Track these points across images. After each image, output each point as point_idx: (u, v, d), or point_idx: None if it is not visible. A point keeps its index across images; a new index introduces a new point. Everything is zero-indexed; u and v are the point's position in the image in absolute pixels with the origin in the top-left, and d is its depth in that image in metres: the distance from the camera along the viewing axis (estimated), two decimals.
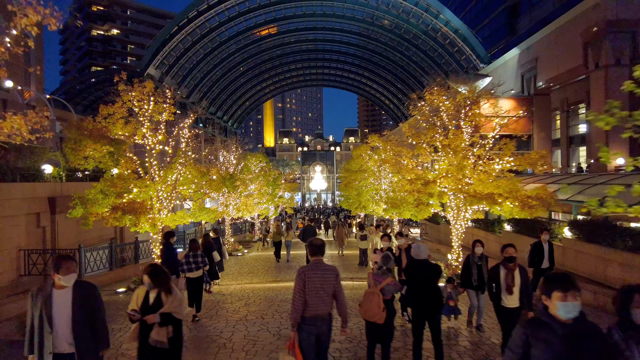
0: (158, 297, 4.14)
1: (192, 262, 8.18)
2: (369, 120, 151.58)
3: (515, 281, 5.18)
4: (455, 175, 9.64)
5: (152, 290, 4.15)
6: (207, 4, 38.54)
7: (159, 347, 4.04)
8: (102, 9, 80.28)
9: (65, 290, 3.54)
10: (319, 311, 4.25)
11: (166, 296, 4.13)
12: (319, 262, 4.46)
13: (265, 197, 24.54)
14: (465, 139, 10.19)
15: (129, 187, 10.11)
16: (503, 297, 5.27)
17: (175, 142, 11.81)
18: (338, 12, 44.52)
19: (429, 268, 5.11)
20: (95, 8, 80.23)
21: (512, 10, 44.50)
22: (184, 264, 8.17)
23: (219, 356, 5.98)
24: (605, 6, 21.63)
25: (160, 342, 4.02)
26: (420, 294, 4.97)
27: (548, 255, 8.99)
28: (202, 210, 12.82)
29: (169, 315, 4.10)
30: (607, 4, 21.58)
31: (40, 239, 12.23)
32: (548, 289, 2.51)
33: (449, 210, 11.00)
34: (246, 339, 6.74)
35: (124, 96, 10.72)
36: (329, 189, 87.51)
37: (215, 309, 8.90)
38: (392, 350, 5.88)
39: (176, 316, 4.18)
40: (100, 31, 79.75)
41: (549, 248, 9.04)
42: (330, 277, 4.35)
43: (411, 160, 11.72)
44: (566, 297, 2.40)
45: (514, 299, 5.23)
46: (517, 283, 5.18)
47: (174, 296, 4.16)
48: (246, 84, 57.43)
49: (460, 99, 10.40)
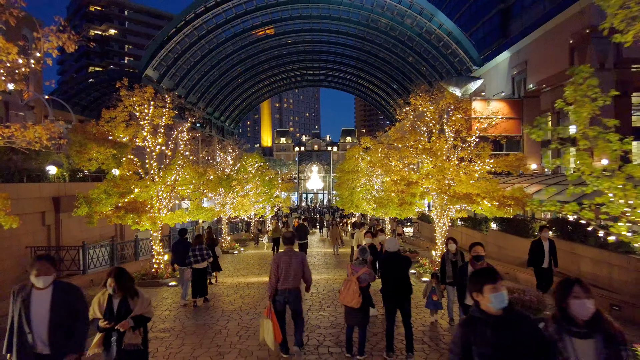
0: (124, 301, 4.05)
1: (197, 255, 9.20)
2: (366, 120, 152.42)
3: None
4: (436, 177, 10.33)
5: (116, 295, 4.06)
6: (205, 6, 39.11)
7: (133, 350, 4.06)
8: (99, 9, 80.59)
9: (45, 291, 3.51)
10: (287, 285, 5.68)
11: (133, 299, 4.07)
12: (290, 250, 5.91)
13: (261, 196, 25.16)
14: (447, 143, 10.87)
15: (130, 188, 10.74)
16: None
17: (174, 144, 12.43)
18: (334, 14, 45.17)
19: (399, 259, 5.78)
20: (92, 8, 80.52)
21: (505, 13, 45.16)
22: (190, 256, 9.15)
23: (214, 340, 6.63)
24: (590, 12, 22.40)
25: (135, 344, 4.05)
26: (391, 282, 5.63)
27: (549, 254, 8.61)
28: (200, 209, 13.44)
29: (141, 317, 4.09)
30: (591, 10, 22.35)
31: (46, 236, 12.83)
32: (479, 284, 2.62)
33: (433, 209, 11.69)
34: (240, 326, 7.41)
35: (125, 101, 11.31)
36: (326, 188, 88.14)
37: (212, 300, 9.54)
38: (372, 335, 6.57)
39: (147, 316, 4.17)
40: (97, 31, 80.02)
41: (549, 247, 8.66)
42: (297, 260, 5.78)
43: (398, 162, 12.40)
44: (497, 289, 2.55)
45: None
46: None
47: (141, 297, 4.13)
48: (243, 84, 57.98)
49: (443, 105, 11.08)
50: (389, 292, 5.64)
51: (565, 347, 2.52)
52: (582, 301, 2.49)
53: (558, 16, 25.66)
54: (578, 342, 2.50)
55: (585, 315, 2.50)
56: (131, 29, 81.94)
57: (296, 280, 5.74)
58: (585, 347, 2.49)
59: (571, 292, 2.55)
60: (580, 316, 2.51)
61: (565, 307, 2.58)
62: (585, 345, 2.49)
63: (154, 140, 11.80)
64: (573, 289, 2.56)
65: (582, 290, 2.53)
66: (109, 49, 79.84)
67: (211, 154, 22.19)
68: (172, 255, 10.01)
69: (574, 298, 2.53)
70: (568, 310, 2.56)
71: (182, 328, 7.39)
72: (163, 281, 11.65)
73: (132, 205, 10.45)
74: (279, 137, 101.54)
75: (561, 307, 2.61)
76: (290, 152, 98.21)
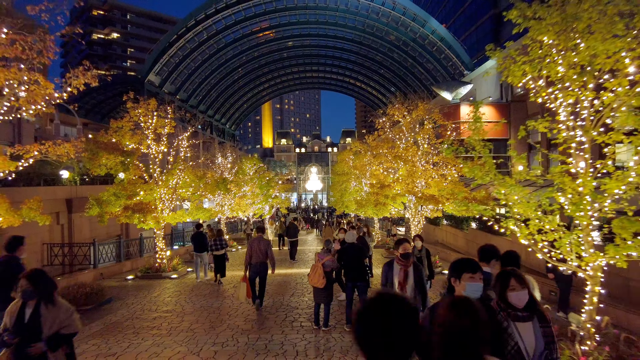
0: (36, 311, 3.37)
1: (218, 244, 12.00)
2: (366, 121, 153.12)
3: (408, 280, 4.95)
4: (405, 180, 11.65)
5: (29, 301, 3.39)
6: (205, 13, 40.51)
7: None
8: (102, 13, 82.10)
9: None
10: (256, 260, 8.39)
11: (47, 308, 3.40)
12: (260, 236, 8.59)
13: (258, 197, 26.45)
14: (418, 150, 12.20)
15: (136, 191, 12.09)
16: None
17: (176, 151, 13.79)
18: (331, 20, 46.47)
19: (355, 248, 7.21)
20: (95, 12, 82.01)
21: (497, 18, 46.42)
22: (212, 245, 11.97)
23: (209, 318, 7.99)
24: None
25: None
26: (349, 264, 7.07)
27: None
28: (199, 209, 14.79)
29: (58, 336, 3.40)
30: None
31: (60, 234, 14.20)
32: (459, 271, 2.80)
33: (407, 210, 13.01)
34: (230, 308, 8.80)
35: (132, 112, 12.66)
36: (324, 189, 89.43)
37: (209, 290, 10.88)
38: (335, 309, 7.91)
39: (67, 332, 3.49)
40: (100, 35, 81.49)
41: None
42: (264, 244, 8.46)
43: (378, 166, 13.74)
44: (474, 278, 2.73)
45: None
46: (409, 282, 4.95)
47: (59, 307, 3.47)
48: (244, 87, 59.31)
49: (416, 116, 12.40)
50: (348, 272, 7.07)
51: (512, 333, 2.71)
52: (518, 293, 2.71)
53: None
54: (520, 326, 2.73)
55: (522, 304, 2.73)
56: (134, 33, 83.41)
57: (262, 257, 8.44)
58: (526, 329, 2.73)
59: (508, 285, 2.74)
60: (518, 304, 2.73)
61: (505, 297, 2.76)
62: (526, 327, 2.74)
63: (157, 146, 13.16)
64: (510, 282, 2.75)
65: (518, 282, 2.75)
66: (111, 52, 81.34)
67: (210, 158, 23.51)
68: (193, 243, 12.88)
69: (511, 290, 2.72)
70: (508, 300, 2.75)
71: (182, 310, 8.73)
72: (165, 274, 13.00)
73: (138, 206, 11.81)
74: (280, 138, 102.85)
75: (502, 297, 2.79)
76: (290, 153, 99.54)
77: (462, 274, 2.76)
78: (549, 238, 5.13)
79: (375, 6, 42.29)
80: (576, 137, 5.04)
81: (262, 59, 53.48)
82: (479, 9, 49.70)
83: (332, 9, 44.11)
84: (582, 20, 4.69)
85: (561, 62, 4.99)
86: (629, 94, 4.55)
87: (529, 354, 2.68)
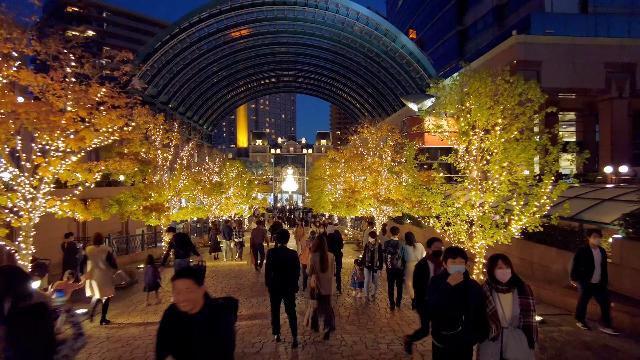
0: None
1: (238, 233, 16.23)
2: (341, 123, 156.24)
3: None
4: (371, 187, 14.65)
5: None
6: (189, 22, 42.50)
7: None
8: (77, 10, 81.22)
9: None
10: (257, 242, 13.19)
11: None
12: (259, 227, 13.48)
13: (241, 198, 28.94)
14: (382, 162, 15.23)
15: (149, 193, 14.49)
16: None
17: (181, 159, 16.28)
18: (308, 30, 49.21)
19: (334, 237, 10.00)
20: (70, 9, 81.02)
21: (462, 34, 50.37)
22: (235, 234, 16.08)
23: (213, 295, 10.61)
24: (516, 49, 27.60)
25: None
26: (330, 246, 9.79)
27: (601, 265, 6.64)
28: (197, 209, 17.30)
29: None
30: (517, 47, 27.57)
31: (76, 230, 16.35)
32: (446, 257, 3.68)
33: (373, 210, 16.02)
34: (229, 285, 11.48)
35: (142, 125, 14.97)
36: (300, 190, 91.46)
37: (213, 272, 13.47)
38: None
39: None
40: (75, 32, 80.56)
41: (601, 256, 6.69)
42: (261, 232, 13.31)
43: (350, 175, 16.72)
44: (455, 262, 3.58)
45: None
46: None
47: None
48: (222, 90, 61.06)
49: (380, 135, 15.43)
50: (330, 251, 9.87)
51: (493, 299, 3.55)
52: (504, 270, 3.57)
53: (494, 49, 30.82)
54: (502, 296, 3.57)
55: (505, 279, 3.58)
56: (110, 31, 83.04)
57: (260, 240, 13.17)
58: (506, 299, 3.56)
59: (497, 264, 3.60)
60: (503, 280, 3.58)
61: (493, 274, 3.60)
62: (506, 297, 3.57)
63: (165, 154, 15.57)
64: (498, 262, 3.60)
65: (504, 263, 3.60)
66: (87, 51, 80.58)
67: (200, 163, 25.86)
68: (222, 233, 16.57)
69: (499, 268, 3.57)
70: (495, 276, 3.59)
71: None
72: (170, 264, 15.45)
73: (155, 206, 14.24)
74: (255, 138, 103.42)
75: (490, 274, 3.63)
76: (266, 153, 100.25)
77: (447, 259, 3.68)
78: (452, 229, 8.15)
79: (350, 20, 45.45)
80: (469, 167, 8.09)
81: (240, 63, 55.43)
82: (446, 25, 53.54)
83: (309, 20, 46.93)
84: (470, 98, 7.73)
85: (462, 119, 8.03)
86: (498, 142, 7.62)
87: (506, 316, 3.52)
